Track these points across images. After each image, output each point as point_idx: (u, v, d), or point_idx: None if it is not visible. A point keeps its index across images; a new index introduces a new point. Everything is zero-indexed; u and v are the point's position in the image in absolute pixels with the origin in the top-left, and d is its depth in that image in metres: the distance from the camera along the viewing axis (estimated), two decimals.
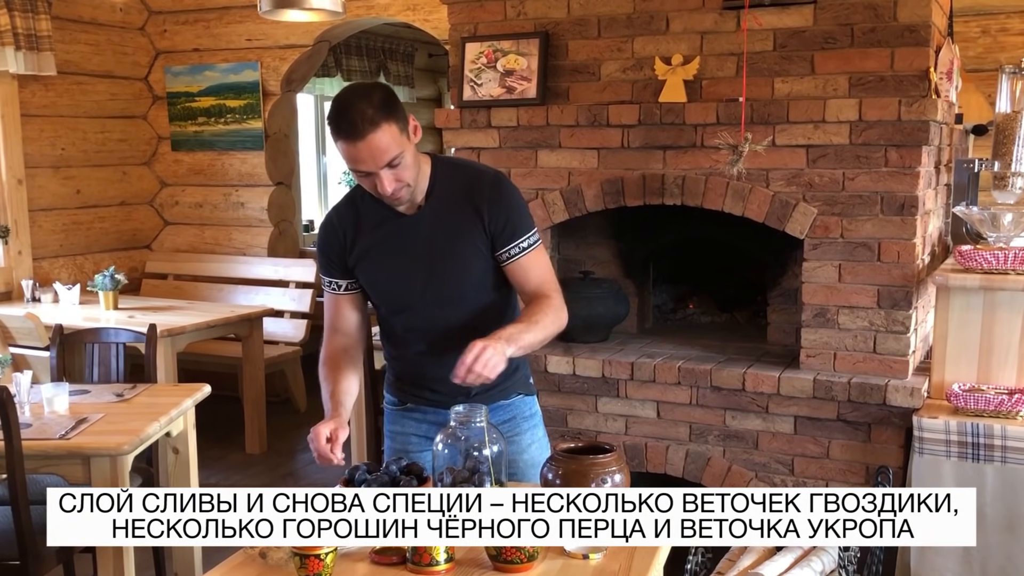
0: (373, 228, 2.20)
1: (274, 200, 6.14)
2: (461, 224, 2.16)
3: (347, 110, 1.98)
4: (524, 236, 2.18)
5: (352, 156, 2.01)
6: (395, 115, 2.02)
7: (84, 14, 5.78)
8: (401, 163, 2.04)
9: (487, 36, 3.67)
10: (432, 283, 2.18)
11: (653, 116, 3.37)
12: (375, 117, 1.97)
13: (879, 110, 3.07)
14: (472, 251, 2.17)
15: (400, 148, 2.02)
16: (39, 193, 5.58)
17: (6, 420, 2.66)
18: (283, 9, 3.51)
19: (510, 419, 2.30)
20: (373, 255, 2.21)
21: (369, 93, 2.01)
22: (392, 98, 2.04)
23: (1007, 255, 3.03)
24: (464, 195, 2.17)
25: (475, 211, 2.15)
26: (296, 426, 5.74)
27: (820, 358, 3.28)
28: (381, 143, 1.99)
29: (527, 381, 2.38)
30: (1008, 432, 2.84)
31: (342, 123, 1.99)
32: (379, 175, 2.02)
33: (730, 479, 3.38)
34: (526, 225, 2.20)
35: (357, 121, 1.97)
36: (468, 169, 2.25)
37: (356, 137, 1.98)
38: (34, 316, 4.72)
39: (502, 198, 2.17)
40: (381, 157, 2.00)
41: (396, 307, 2.26)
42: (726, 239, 3.74)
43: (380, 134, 1.98)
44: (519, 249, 2.18)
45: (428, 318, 2.22)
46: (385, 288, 2.24)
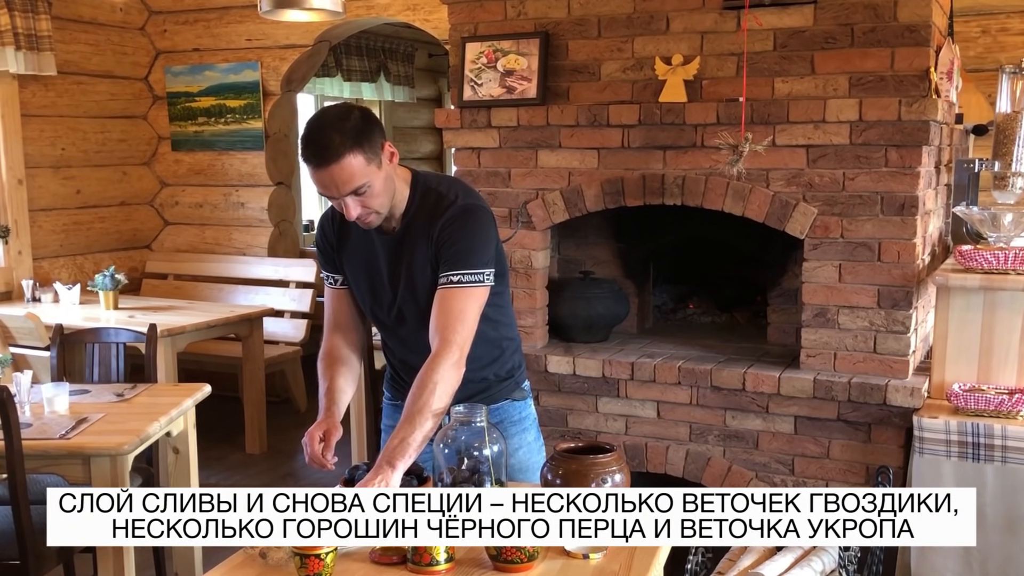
0: (357, 238, 2.24)
1: (274, 200, 6.14)
2: (421, 246, 2.16)
3: (316, 135, 1.99)
4: (459, 270, 2.09)
5: (317, 180, 2.03)
6: (364, 144, 2.00)
7: (84, 14, 5.78)
8: (368, 191, 2.03)
9: (487, 36, 3.67)
10: (400, 302, 2.21)
11: (653, 116, 3.37)
12: (341, 147, 1.96)
13: (879, 110, 3.07)
14: (425, 275, 2.16)
15: (366, 178, 2.01)
16: (39, 193, 5.58)
17: (6, 420, 2.66)
18: (283, 9, 3.51)
19: (498, 423, 2.28)
20: (352, 264, 2.27)
21: (342, 119, 1.99)
22: (366, 125, 2.01)
23: (1007, 255, 3.03)
24: (428, 219, 2.16)
25: (429, 233, 2.15)
26: (296, 426, 5.74)
27: (820, 358, 3.28)
28: (344, 173, 1.99)
29: (519, 386, 2.38)
30: (1008, 432, 2.84)
31: (309, 147, 2.00)
32: (344, 201, 2.03)
33: (730, 479, 3.38)
34: (467, 261, 2.10)
35: (323, 148, 1.97)
36: (441, 193, 2.18)
37: (320, 164, 1.98)
38: (34, 316, 4.72)
39: (455, 226, 2.12)
40: (345, 186, 2.00)
41: (375, 317, 2.31)
42: (726, 239, 3.74)
43: (344, 163, 1.98)
44: (446, 279, 2.11)
45: (393, 333, 2.28)
46: (364, 299, 2.29)
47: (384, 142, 2.07)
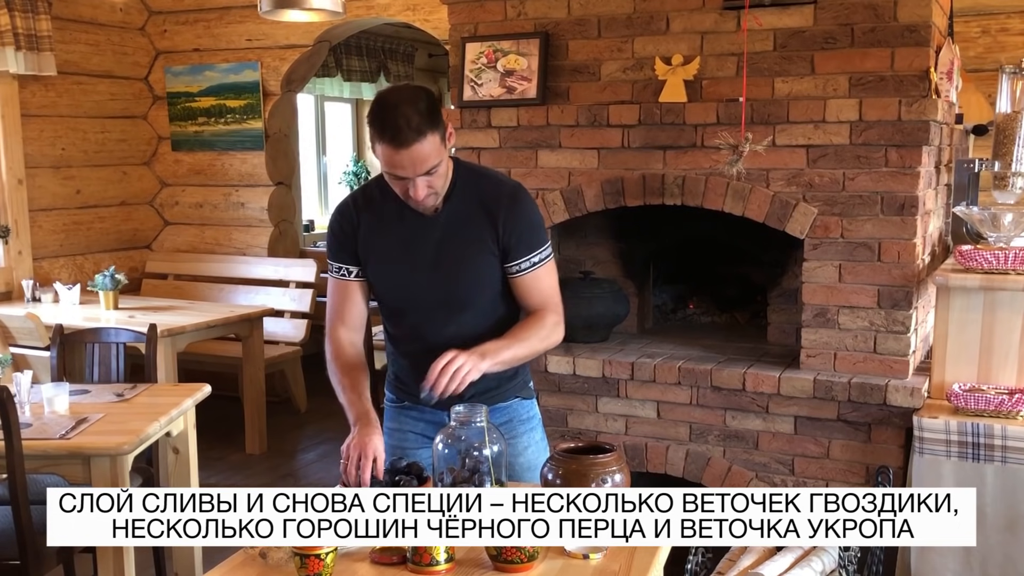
0: (389, 222, 2.20)
1: (274, 200, 6.14)
2: (475, 231, 2.16)
3: (393, 115, 1.96)
4: (535, 251, 2.19)
5: (392, 161, 2.00)
6: (438, 124, 2.01)
7: (84, 14, 5.78)
8: (436, 171, 2.04)
9: (487, 36, 3.67)
10: (438, 286, 2.18)
11: (653, 116, 3.37)
12: (421, 126, 1.96)
13: (879, 110, 3.07)
14: (483, 259, 2.17)
15: (439, 157, 2.03)
16: (39, 193, 5.58)
17: (6, 420, 2.66)
18: (283, 9, 3.51)
19: (507, 421, 2.30)
20: (384, 249, 2.21)
21: (415, 99, 1.99)
22: (436, 106, 2.03)
23: (1007, 255, 3.03)
24: (481, 203, 2.16)
25: (490, 221, 2.15)
26: (296, 426, 5.75)
27: (820, 358, 3.28)
28: (423, 153, 1.98)
29: (526, 385, 2.38)
30: (1008, 432, 2.84)
31: (387, 128, 1.97)
32: (415, 181, 2.02)
33: (730, 479, 3.38)
34: (539, 240, 2.20)
35: (403, 128, 1.95)
36: (489, 177, 2.24)
37: (400, 145, 1.97)
38: (34, 316, 4.72)
39: (518, 211, 2.17)
40: (421, 166, 2.00)
41: (399, 304, 2.26)
42: (726, 239, 3.74)
43: (424, 144, 1.98)
44: (529, 264, 2.18)
45: (430, 319, 2.22)
46: (391, 283, 2.24)
47: (448, 123, 2.08)
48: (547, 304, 2.22)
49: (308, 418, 5.92)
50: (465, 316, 2.20)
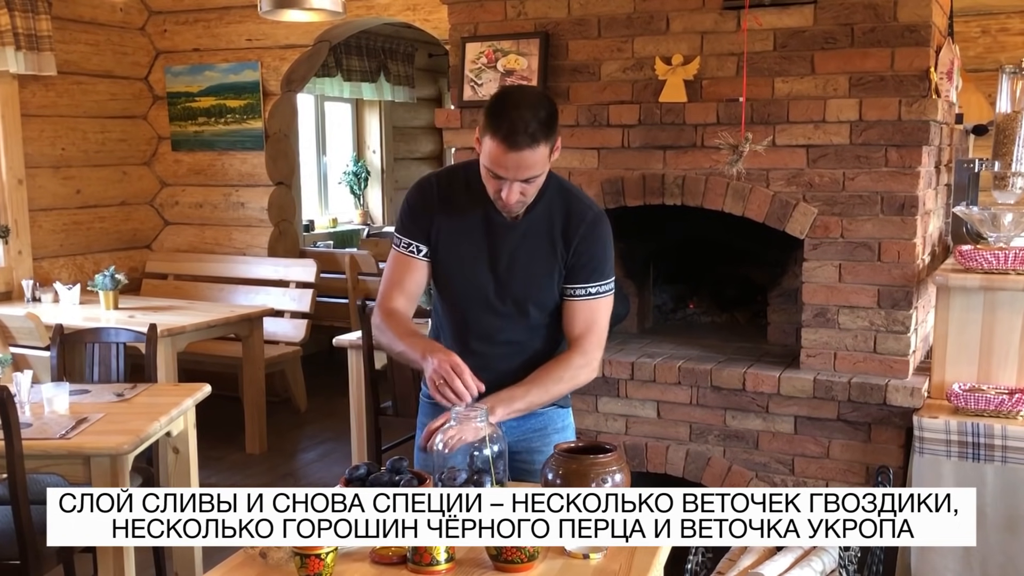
0: (468, 213, 2.17)
1: (274, 200, 6.14)
2: (547, 246, 2.16)
3: (513, 115, 1.96)
4: (596, 282, 2.18)
5: (497, 160, 2.00)
6: (552, 136, 2.02)
7: (84, 14, 5.78)
8: (535, 181, 2.05)
9: (487, 36, 3.67)
10: (497, 289, 2.17)
11: (653, 116, 3.37)
12: (536, 133, 1.97)
13: (879, 110, 3.07)
14: (547, 275, 2.16)
15: (543, 168, 2.04)
16: (39, 193, 5.58)
17: (6, 420, 2.66)
18: (283, 9, 3.51)
19: (541, 429, 2.28)
20: (456, 239, 2.19)
21: (538, 105, 2.00)
22: (555, 117, 2.03)
23: (1007, 255, 3.03)
24: (562, 220, 2.16)
25: (564, 240, 2.15)
26: (296, 426, 5.75)
27: (820, 358, 3.28)
28: (531, 160, 1.99)
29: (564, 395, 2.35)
30: (1008, 432, 2.84)
31: (503, 125, 1.96)
32: (511, 184, 2.02)
33: (730, 479, 3.38)
34: (603, 272, 2.19)
35: (520, 131, 1.95)
36: (577, 198, 2.22)
37: (511, 146, 1.96)
38: (34, 316, 4.72)
39: (594, 237, 2.17)
40: (524, 172, 2.00)
41: (454, 297, 2.24)
42: (726, 239, 3.74)
43: (535, 152, 1.98)
44: (585, 292, 2.17)
45: (479, 320, 2.21)
46: (454, 276, 2.22)
47: (559, 137, 2.07)
48: (586, 337, 2.18)
49: (308, 418, 5.92)
50: (514, 325, 2.19)
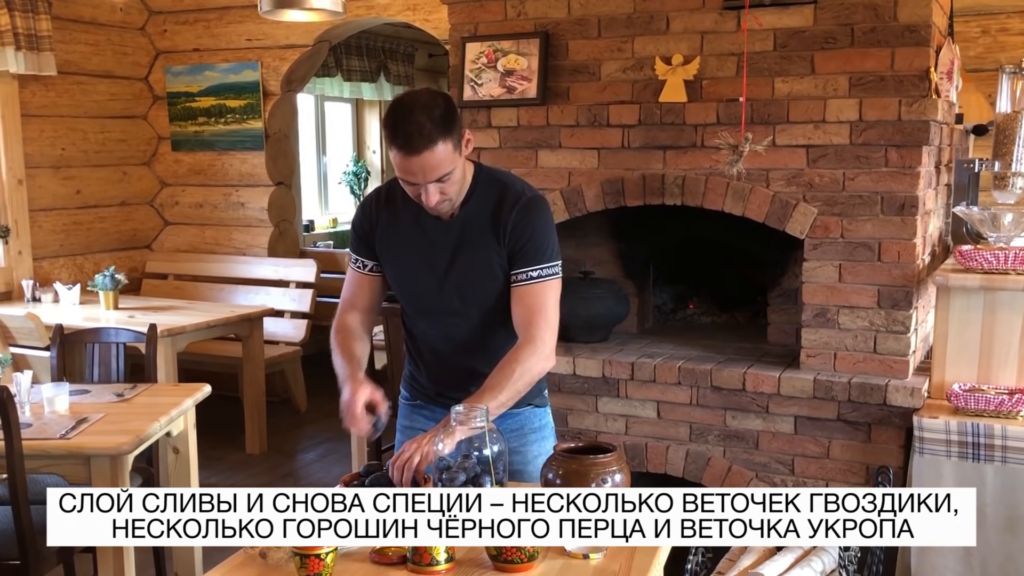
0: (407, 221, 2.19)
1: (274, 200, 6.14)
2: (485, 237, 2.15)
3: (406, 121, 1.96)
4: (536, 265, 2.14)
5: (403, 167, 2.00)
6: (452, 131, 2.00)
7: (84, 14, 5.78)
8: (449, 179, 2.04)
9: (487, 36, 3.67)
10: (448, 290, 2.18)
11: (653, 116, 3.37)
12: (433, 134, 1.96)
13: (879, 110, 3.07)
14: (488, 267, 2.16)
15: (451, 165, 2.02)
16: (39, 193, 5.58)
17: (6, 420, 2.66)
18: (283, 9, 3.51)
19: (517, 429, 2.28)
20: (399, 248, 2.21)
21: (431, 105, 1.99)
22: (452, 112, 2.02)
23: (1007, 255, 3.03)
24: (494, 209, 2.16)
25: (500, 227, 2.15)
26: (296, 426, 5.75)
27: (820, 358, 3.28)
28: (433, 161, 1.98)
29: (540, 393, 2.35)
30: (1008, 432, 2.84)
31: (398, 134, 1.97)
32: (426, 187, 2.02)
33: (730, 479, 3.38)
34: (544, 255, 2.15)
35: (414, 135, 1.95)
36: (506, 185, 2.21)
37: (411, 151, 1.96)
38: (34, 316, 4.72)
39: (527, 220, 2.14)
40: (432, 173, 2.00)
41: (410, 304, 2.27)
42: (726, 239, 3.74)
43: (435, 151, 1.97)
44: (526, 276, 2.15)
45: (439, 322, 2.22)
46: (403, 284, 2.25)
47: (464, 130, 2.07)
48: (533, 323, 2.12)
49: (308, 418, 5.92)
50: (472, 323, 2.20)
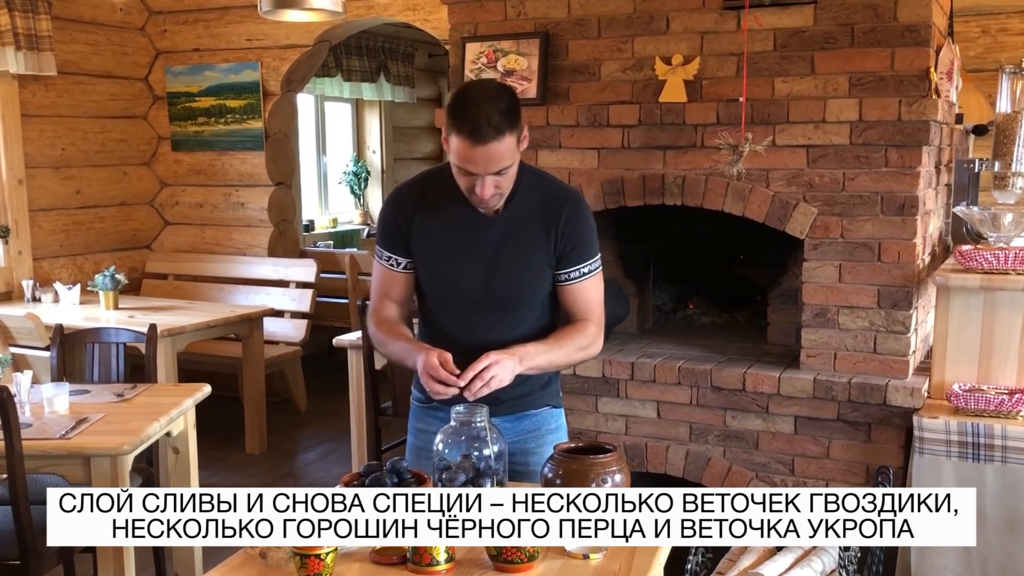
0: (446, 217, 2.18)
1: (274, 200, 6.14)
2: (533, 235, 2.16)
3: (474, 110, 1.96)
4: (587, 261, 2.19)
5: (466, 156, 1.99)
6: (517, 125, 2.01)
7: (84, 14, 5.78)
8: (507, 173, 2.04)
9: (487, 36, 3.67)
10: (489, 286, 2.16)
11: (653, 116, 3.37)
12: (500, 125, 1.96)
13: (879, 110, 3.07)
14: (536, 264, 2.16)
15: (512, 159, 2.03)
16: (39, 193, 5.58)
17: (6, 420, 2.66)
18: (283, 9, 3.51)
19: (535, 430, 2.28)
20: (438, 244, 2.19)
21: (498, 97, 2.00)
22: (517, 106, 2.03)
23: (1007, 255, 3.03)
24: (542, 208, 2.16)
25: (549, 226, 2.15)
26: (296, 426, 5.75)
27: (820, 358, 3.28)
28: (498, 152, 1.98)
29: (557, 394, 2.36)
30: (1008, 432, 2.84)
31: (466, 122, 1.96)
32: (484, 180, 2.02)
33: (730, 479, 3.38)
34: (592, 250, 2.21)
35: (483, 125, 1.95)
36: (551, 182, 2.24)
37: (477, 141, 1.96)
38: (34, 316, 4.72)
39: (578, 218, 2.18)
40: (494, 165, 2.00)
41: (444, 300, 2.23)
42: (726, 239, 3.74)
43: (501, 143, 1.97)
44: (579, 273, 2.18)
45: (473, 319, 2.19)
46: (440, 279, 2.22)
47: (525, 125, 2.08)
48: (590, 315, 2.22)
49: (308, 418, 5.92)
50: (510, 320, 2.19)
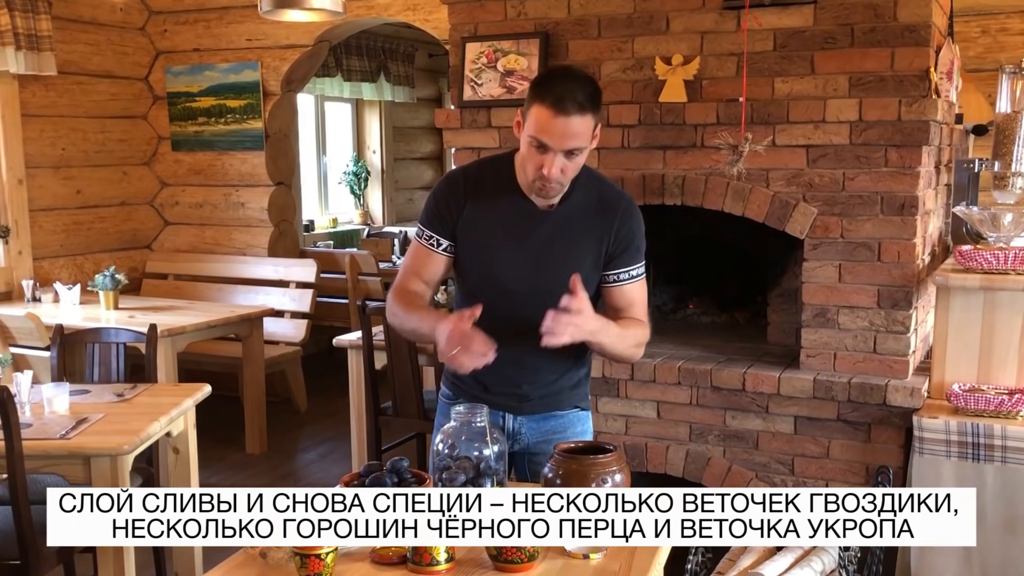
0: (497, 204, 2.19)
1: (274, 200, 6.14)
2: (584, 234, 2.17)
3: (564, 84, 2.02)
4: (638, 263, 2.23)
5: (545, 127, 2.02)
6: (597, 111, 2.07)
7: (84, 14, 5.78)
8: (577, 157, 2.07)
9: (487, 36, 3.67)
10: (535, 279, 2.16)
11: (653, 116, 3.37)
12: (585, 103, 2.01)
13: (879, 110, 3.07)
14: (582, 262, 2.16)
15: (585, 142, 2.06)
16: (39, 193, 5.58)
17: (7, 420, 2.66)
18: (283, 9, 3.51)
19: (561, 431, 2.28)
20: (487, 233, 2.19)
21: (586, 81, 2.07)
22: (599, 96, 2.09)
23: (1007, 255, 3.03)
24: (597, 208, 2.18)
25: (603, 227, 2.17)
26: (296, 426, 5.75)
27: (820, 358, 3.28)
28: (577, 128, 2.02)
29: (585, 396, 2.35)
30: (1008, 432, 2.84)
31: (554, 91, 2.01)
32: (555, 156, 2.04)
33: (730, 479, 3.38)
34: (642, 254, 2.24)
35: (568, 98, 2.00)
36: (606, 185, 2.26)
37: (561, 111, 2.00)
38: (34, 316, 4.72)
39: (632, 221, 2.21)
40: (569, 141, 2.03)
41: (487, 292, 2.19)
42: (726, 239, 3.74)
43: (581, 121, 2.02)
44: (628, 275, 2.21)
45: (515, 314, 2.16)
46: (485, 270, 2.21)
47: (600, 123, 2.12)
48: (643, 312, 2.24)
49: (308, 418, 5.92)
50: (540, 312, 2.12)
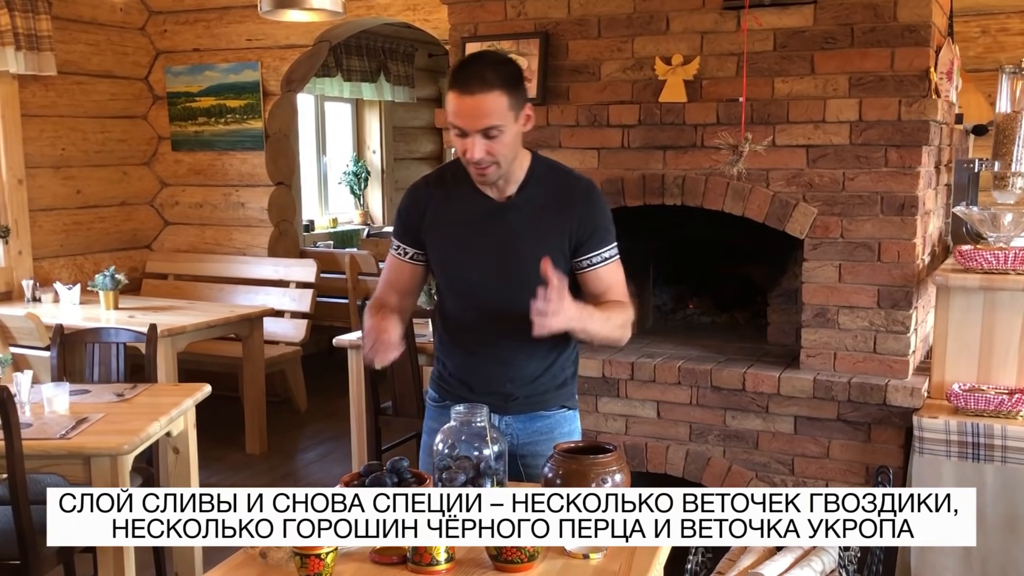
0: (459, 203, 2.19)
1: (274, 200, 6.14)
2: (548, 223, 2.16)
3: (471, 66, 2.03)
4: (609, 245, 2.21)
5: (456, 110, 2.02)
6: (512, 90, 2.03)
7: (84, 14, 5.78)
8: (498, 137, 2.04)
9: (487, 36, 3.67)
10: (502, 272, 2.17)
11: (653, 116, 3.37)
12: (493, 82, 2.00)
13: (879, 110, 3.07)
14: (550, 251, 2.13)
15: (502, 120, 2.02)
16: (39, 193, 5.58)
17: (6, 420, 2.66)
18: (283, 9, 3.51)
19: (548, 432, 2.27)
20: (451, 231, 2.20)
21: (499, 62, 2.06)
22: (517, 76, 2.07)
23: (1007, 255, 3.03)
24: (557, 196, 2.18)
25: (566, 214, 2.16)
26: (296, 426, 5.75)
27: (820, 358, 3.28)
28: (486, 107, 2.00)
29: (572, 396, 2.35)
30: (1008, 432, 2.85)
31: (459, 75, 2.02)
32: (473, 140, 2.03)
33: (730, 479, 3.38)
34: (611, 236, 2.22)
35: (474, 77, 2.00)
36: (564, 172, 2.25)
37: (466, 91, 2.00)
38: (34, 316, 4.72)
39: (594, 206, 2.20)
40: (481, 120, 2.01)
41: (460, 289, 2.23)
42: (727, 239, 3.74)
43: (488, 98, 1.99)
44: (601, 258, 2.19)
45: (487, 306, 2.19)
46: (453, 263, 2.22)
47: (527, 103, 2.10)
48: (622, 294, 2.22)
49: (308, 418, 5.92)
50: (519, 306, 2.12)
